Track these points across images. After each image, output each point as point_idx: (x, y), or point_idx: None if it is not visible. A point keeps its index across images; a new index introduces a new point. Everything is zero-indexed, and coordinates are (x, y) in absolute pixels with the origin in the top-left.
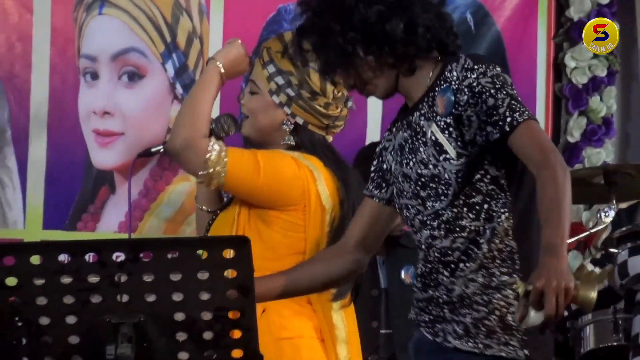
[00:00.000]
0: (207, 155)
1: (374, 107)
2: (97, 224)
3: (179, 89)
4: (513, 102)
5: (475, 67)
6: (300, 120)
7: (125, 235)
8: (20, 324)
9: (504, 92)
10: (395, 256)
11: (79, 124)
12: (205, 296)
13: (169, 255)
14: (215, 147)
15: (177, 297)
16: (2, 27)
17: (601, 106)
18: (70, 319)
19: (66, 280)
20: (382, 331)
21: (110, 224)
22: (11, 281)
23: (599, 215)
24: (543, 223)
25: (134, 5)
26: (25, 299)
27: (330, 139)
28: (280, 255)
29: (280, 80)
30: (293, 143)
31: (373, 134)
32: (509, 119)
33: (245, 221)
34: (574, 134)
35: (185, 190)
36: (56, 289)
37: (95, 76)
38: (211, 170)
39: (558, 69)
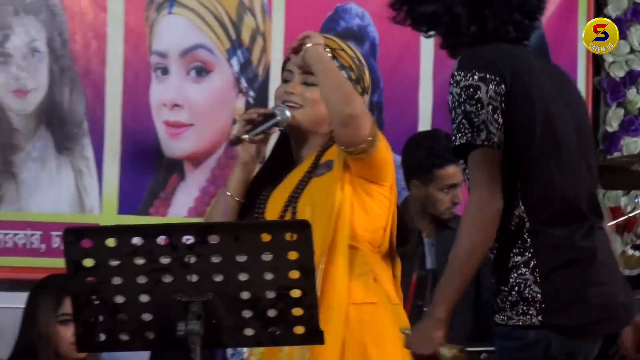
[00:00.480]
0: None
1: (425, 97)
2: (168, 209)
3: (244, 83)
4: (464, 120)
5: (455, 73)
6: None
7: (194, 220)
8: (97, 302)
9: (461, 109)
10: (443, 238)
11: (151, 116)
12: (269, 276)
13: (236, 238)
14: None
15: (243, 277)
16: (78, 26)
17: (638, 98)
18: (144, 298)
19: (139, 261)
20: (427, 309)
21: (180, 209)
22: (89, 262)
23: (636, 200)
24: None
25: (201, 5)
26: (102, 279)
27: None
28: (376, 228)
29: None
30: None
31: (424, 122)
32: (454, 137)
33: (351, 191)
34: (613, 124)
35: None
36: (130, 269)
37: (165, 71)
38: (370, 138)
39: (597, 63)
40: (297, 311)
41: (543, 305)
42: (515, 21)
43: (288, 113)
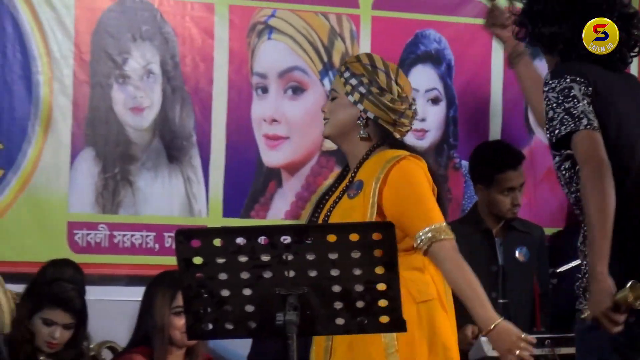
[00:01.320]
0: None
1: (495, 112)
2: (267, 213)
3: None
4: (565, 115)
5: (550, 81)
6: (371, 115)
7: (290, 222)
8: (205, 295)
9: (561, 107)
10: (510, 238)
11: (252, 130)
12: (357, 271)
13: (328, 238)
14: None
15: (335, 272)
16: (188, 50)
17: None
18: (246, 291)
19: (243, 259)
20: (500, 301)
21: (278, 212)
22: (198, 260)
23: None
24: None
25: (297, 31)
26: (209, 275)
27: (397, 136)
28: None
29: (354, 81)
30: (365, 135)
31: (495, 135)
32: (557, 131)
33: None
34: None
35: None
36: (235, 266)
37: (265, 90)
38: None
39: None
40: (382, 302)
41: (586, 295)
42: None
43: None
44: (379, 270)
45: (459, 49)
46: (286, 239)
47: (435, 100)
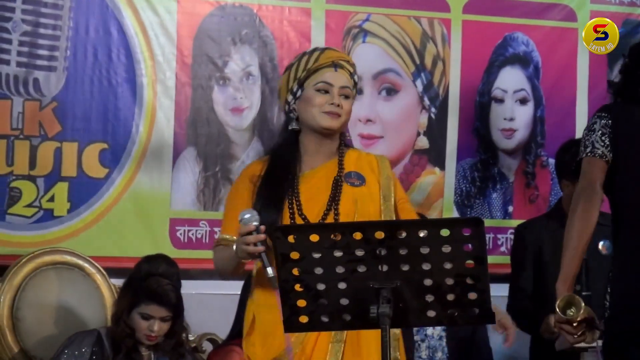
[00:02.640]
0: None
1: (581, 111)
2: None
3: (426, 101)
4: (580, 146)
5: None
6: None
7: None
8: (302, 289)
9: (582, 139)
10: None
11: (348, 129)
12: (448, 265)
13: (420, 233)
14: None
15: (426, 266)
16: (286, 53)
17: None
18: (341, 285)
19: (338, 254)
20: (584, 293)
21: None
22: (295, 255)
23: None
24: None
25: (390, 35)
26: (306, 269)
27: None
28: None
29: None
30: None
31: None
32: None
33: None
34: None
35: (431, 181)
36: (330, 260)
37: (360, 91)
38: None
39: None
40: (472, 295)
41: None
42: None
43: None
44: (469, 264)
45: (546, 51)
46: (380, 235)
47: (523, 101)
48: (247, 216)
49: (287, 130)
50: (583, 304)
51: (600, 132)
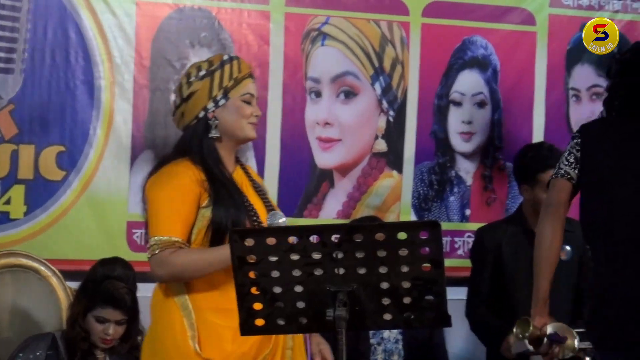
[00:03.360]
0: None
1: (539, 114)
2: (320, 212)
3: (385, 104)
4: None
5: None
6: None
7: (342, 221)
8: (258, 292)
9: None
10: None
11: (306, 133)
12: (405, 269)
13: (377, 237)
14: None
15: (383, 269)
16: (245, 56)
17: None
18: (298, 288)
19: (295, 257)
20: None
21: (330, 212)
22: (251, 258)
23: None
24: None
25: (349, 38)
26: (262, 272)
27: None
28: None
29: None
30: None
31: (538, 136)
32: None
33: None
34: None
35: (389, 184)
36: (287, 264)
37: (318, 94)
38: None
39: None
40: (429, 298)
41: None
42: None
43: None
44: (426, 267)
45: (504, 55)
46: (336, 238)
47: (481, 104)
48: (281, 220)
49: (206, 136)
50: (531, 327)
51: (567, 151)
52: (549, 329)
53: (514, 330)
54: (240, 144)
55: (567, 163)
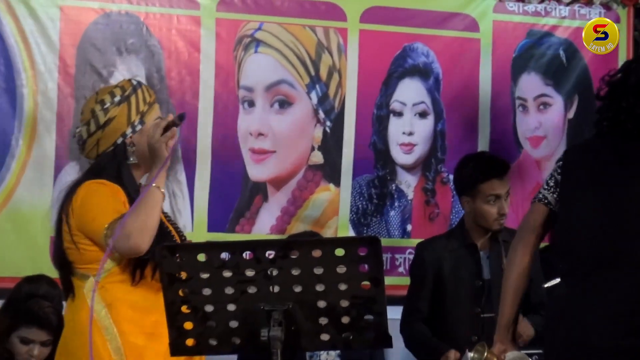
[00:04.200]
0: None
1: (484, 125)
2: (253, 227)
3: (321, 114)
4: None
5: None
6: None
7: (276, 237)
8: (189, 311)
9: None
10: (497, 250)
11: (238, 144)
12: (343, 287)
13: (314, 253)
14: None
15: (320, 287)
16: (174, 63)
17: None
18: (231, 307)
19: (227, 274)
20: (484, 315)
21: (263, 227)
22: (182, 275)
23: None
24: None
25: (284, 45)
26: (193, 290)
27: None
28: None
29: None
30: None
31: (483, 147)
32: None
33: None
34: None
35: (326, 198)
36: (219, 281)
37: (252, 104)
38: None
39: None
40: (369, 318)
41: None
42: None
43: None
44: (365, 285)
45: (447, 63)
46: (271, 254)
47: (423, 114)
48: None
49: (124, 163)
50: (486, 352)
51: (549, 175)
52: (508, 357)
53: (470, 354)
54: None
55: (546, 187)
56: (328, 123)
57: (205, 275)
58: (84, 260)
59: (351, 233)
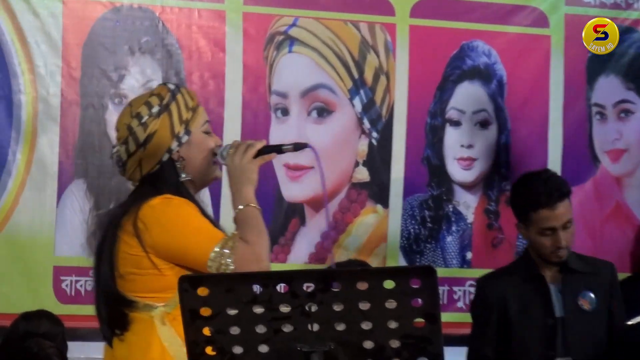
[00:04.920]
0: None
1: (555, 136)
2: (288, 255)
3: (367, 124)
4: None
5: None
6: None
7: (315, 266)
8: (214, 353)
9: None
10: (571, 283)
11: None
12: (393, 324)
13: (359, 286)
14: None
15: (366, 325)
16: (196, 65)
17: None
18: (263, 348)
19: (258, 310)
20: (559, 359)
21: (300, 255)
22: (206, 311)
23: None
24: None
25: (322, 44)
26: (219, 329)
27: None
28: None
29: None
30: None
31: (554, 164)
32: None
33: None
34: None
35: (372, 222)
36: (249, 318)
37: (285, 112)
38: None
39: None
40: None
41: None
42: None
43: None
44: (418, 322)
45: (512, 64)
46: (309, 287)
47: (484, 124)
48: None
49: (179, 182)
50: None
51: None
52: None
53: None
54: (204, 186)
55: None
56: (374, 134)
57: (233, 312)
58: (153, 288)
59: (402, 262)
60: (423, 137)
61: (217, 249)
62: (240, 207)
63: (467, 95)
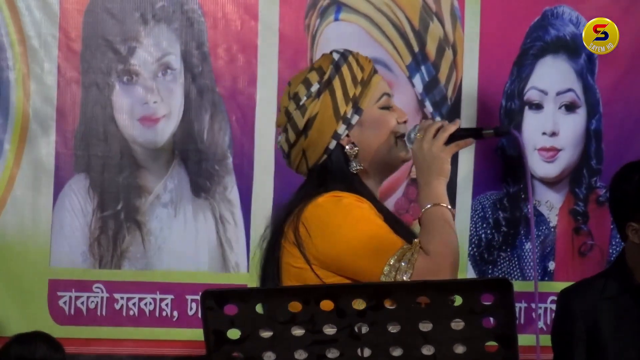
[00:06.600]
0: None
1: None
2: None
3: (429, 107)
4: None
5: None
6: None
7: None
8: None
9: None
10: None
11: None
12: (460, 349)
13: (418, 302)
14: None
15: (428, 350)
16: (223, 36)
17: None
18: None
19: (298, 332)
20: None
21: None
22: (234, 334)
23: None
24: None
25: (375, 10)
26: (250, 354)
27: None
28: None
29: None
30: None
31: None
32: None
33: None
34: None
35: None
36: (286, 342)
37: None
38: None
39: None
40: None
41: None
42: None
43: None
44: (491, 347)
45: None
46: (360, 304)
47: (570, 107)
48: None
49: (346, 172)
50: None
51: None
52: None
53: None
54: (390, 173)
55: None
56: (438, 119)
57: (267, 334)
58: None
59: (470, 273)
60: (497, 123)
61: (392, 262)
62: (428, 205)
63: (551, 73)
